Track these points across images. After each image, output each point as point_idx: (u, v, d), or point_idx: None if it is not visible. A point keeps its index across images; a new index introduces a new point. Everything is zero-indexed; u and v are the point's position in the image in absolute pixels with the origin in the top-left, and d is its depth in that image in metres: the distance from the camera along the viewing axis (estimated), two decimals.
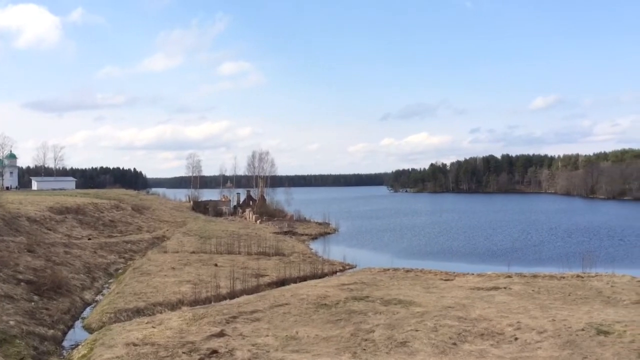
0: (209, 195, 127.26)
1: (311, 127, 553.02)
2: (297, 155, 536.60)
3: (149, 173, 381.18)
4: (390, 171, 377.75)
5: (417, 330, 22.65)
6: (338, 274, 44.03)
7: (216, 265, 43.21)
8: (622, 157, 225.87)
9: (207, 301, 30.56)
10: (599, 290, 32.73)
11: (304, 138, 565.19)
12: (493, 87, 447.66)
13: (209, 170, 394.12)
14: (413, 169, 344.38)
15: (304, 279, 39.49)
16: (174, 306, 29.36)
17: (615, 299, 29.89)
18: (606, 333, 22.30)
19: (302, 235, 75.56)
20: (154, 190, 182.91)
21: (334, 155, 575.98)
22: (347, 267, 47.68)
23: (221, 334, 21.77)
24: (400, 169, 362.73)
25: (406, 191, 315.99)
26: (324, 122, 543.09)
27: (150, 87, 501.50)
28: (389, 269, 42.59)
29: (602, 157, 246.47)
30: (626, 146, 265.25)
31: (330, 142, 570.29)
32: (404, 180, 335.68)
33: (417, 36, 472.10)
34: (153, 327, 23.28)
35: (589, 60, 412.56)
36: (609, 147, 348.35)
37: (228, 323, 23.86)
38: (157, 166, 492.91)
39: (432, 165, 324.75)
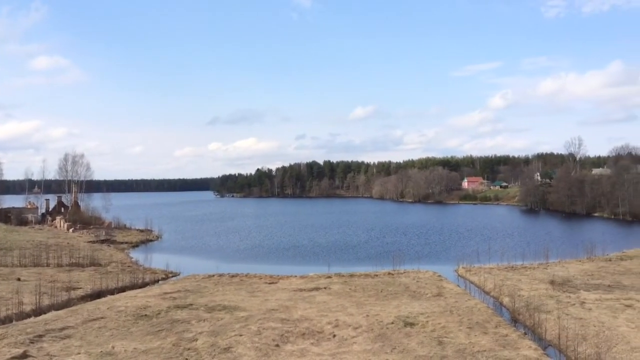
0: (11, 201, 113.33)
1: (135, 130, 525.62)
2: (118, 159, 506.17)
3: None
4: (217, 176, 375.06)
5: (241, 335, 22.70)
6: (160, 282, 42.32)
7: (19, 279, 38.68)
8: (426, 165, 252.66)
9: (7, 320, 27.13)
10: (407, 285, 36.08)
11: (126, 141, 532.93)
12: (318, 96, 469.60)
13: (12, 174, 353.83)
14: (240, 174, 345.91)
15: (122, 289, 37.20)
16: None
17: (420, 293, 33.19)
18: (412, 325, 24.63)
19: (122, 243, 71.22)
20: None
21: (159, 159, 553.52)
22: (171, 274, 46.10)
23: (24, 356, 19.51)
24: (227, 174, 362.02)
25: (232, 196, 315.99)
26: (148, 125, 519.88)
27: None
28: (214, 275, 42.15)
29: (410, 164, 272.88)
30: (430, 155, 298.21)
31: (155, 145, 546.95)
32: (230, 185, 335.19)
33: (247, 43, 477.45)
34: None
35: (403, 76, 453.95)
36: (416, 155, 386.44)
37: (33, 343, 21.48)
38: None
39: (258, 170, 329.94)
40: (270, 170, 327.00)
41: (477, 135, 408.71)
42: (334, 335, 22.86)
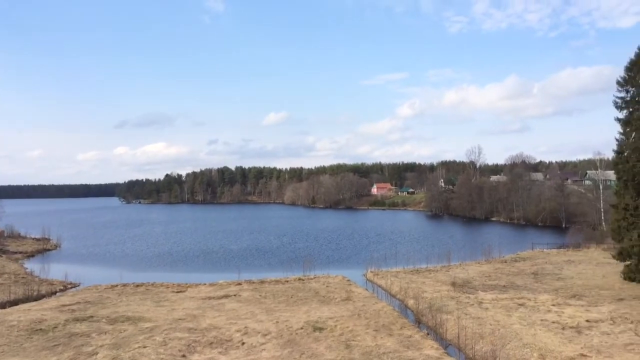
0: None
1: (33, 132, 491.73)
2: (13, 163, 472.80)
3: None
4: (124, 181, 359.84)
5: (145, 347, 21.88)
6: (58, 294, 39.87)
7: None
8: (337, 171, 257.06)
9: None
10: (317, 290, 36.43)
11: (23, 143, 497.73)
12: (231, 101, 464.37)
13: None
14: (148, 180, 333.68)
15: (15, 303, 34.70)
16: None
17: (329, 298, 33.63)
18: (321, 329, 24.89)
19: (15, 253, 66.45)
20: None
21: (60, 163, 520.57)
22: (70, 286, 43.59)
23: None
24: (134, 179, 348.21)
25: (140, 202, 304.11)
26: (49, 127, 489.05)
27: None
28: (117, 285, 40.37)
29: (321, 170, 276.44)
30: (341, 161, 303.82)
31: (56, 149, 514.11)
32: (137, 191, 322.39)
33: (158, 45, 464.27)
34: None
35: (316, 83, 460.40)
36: (328, 162, 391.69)
37: None
38: None
39: (167, 175, 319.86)
40: (180, 176, 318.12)
41: (387, 142, 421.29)
42: (243, 343, 22.63)
